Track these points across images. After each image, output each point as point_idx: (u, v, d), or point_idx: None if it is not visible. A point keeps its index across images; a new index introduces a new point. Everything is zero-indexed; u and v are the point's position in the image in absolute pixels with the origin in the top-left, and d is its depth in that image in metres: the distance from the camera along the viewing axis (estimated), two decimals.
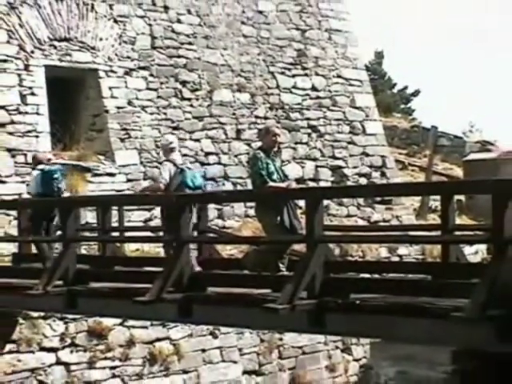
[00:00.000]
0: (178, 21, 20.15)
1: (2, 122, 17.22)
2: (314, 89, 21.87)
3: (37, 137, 17.57)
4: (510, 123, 56.75)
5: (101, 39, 18.84)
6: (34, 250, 14.83)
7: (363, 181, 21.67)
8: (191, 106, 19.86)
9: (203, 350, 16.65)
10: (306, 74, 21.84)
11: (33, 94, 17.69)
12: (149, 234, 16.63)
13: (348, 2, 23.21)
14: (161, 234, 14.23)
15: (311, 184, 20.63)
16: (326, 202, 12.42)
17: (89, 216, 16.73)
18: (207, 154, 19.80)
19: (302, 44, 21.97)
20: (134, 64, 19.22)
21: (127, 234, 15.49)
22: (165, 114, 19.44)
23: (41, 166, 14.72)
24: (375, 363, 11.01)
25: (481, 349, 9.05)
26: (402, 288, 9.57)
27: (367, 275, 11.81)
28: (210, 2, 20.73)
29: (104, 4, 19.04)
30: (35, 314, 14.63)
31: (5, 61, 17.45)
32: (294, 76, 21.64)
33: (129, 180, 18.42)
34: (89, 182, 17.76)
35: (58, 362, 14.98)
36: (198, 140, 19.74)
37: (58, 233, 13.98)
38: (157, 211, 17.68)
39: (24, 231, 14.81)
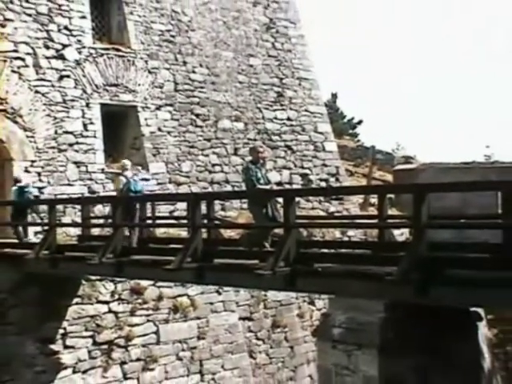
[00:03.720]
0: (193, 71, 20.10)
1: (70, 143, 17.29)
2: (288, 119, 21.82)
3: (94, 153, 17.60)
4: (424, 144, 56.80)
5: (139, 85, 18.83)
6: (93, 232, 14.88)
7: (323, 184, 21.68)
8: (202, 131, 19.85)
9: (211, 303, 16.60)
10: (283, 109, 21.79)
11: (91, 123, 17.71)
12: (173, 221, 16.66)
13: (312, 59, 23.22)
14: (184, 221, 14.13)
15: (287, 186, 20.59)
16: (297, 199, 12.51)
17: None
18: (213, 165, 19.79)
19: (281, 88, 21.92)
20: (162, 102, 19.21)
21: (158, 221, 15.53)
22: (184, 137, 19.42)
23: (19, 184, 15.19)
24: (332, 312, 11.03)
25: (404, 301, 9.11)
26: (351, 259, 9.63)
27: (326, 250, 11.82)
28: (216, 59, 20.71)
29: (141, 60, 19.04)
30: (93, 277, 14.63)
31: (72, 100, 17.52)
32: (274, 110, 21.58)
33: (159, 183, 18.43)
34: None
35: (110, 311, 14.97)
36: (207, 155, 19.73)
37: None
38: (179, 205, 17.80)
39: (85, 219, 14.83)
